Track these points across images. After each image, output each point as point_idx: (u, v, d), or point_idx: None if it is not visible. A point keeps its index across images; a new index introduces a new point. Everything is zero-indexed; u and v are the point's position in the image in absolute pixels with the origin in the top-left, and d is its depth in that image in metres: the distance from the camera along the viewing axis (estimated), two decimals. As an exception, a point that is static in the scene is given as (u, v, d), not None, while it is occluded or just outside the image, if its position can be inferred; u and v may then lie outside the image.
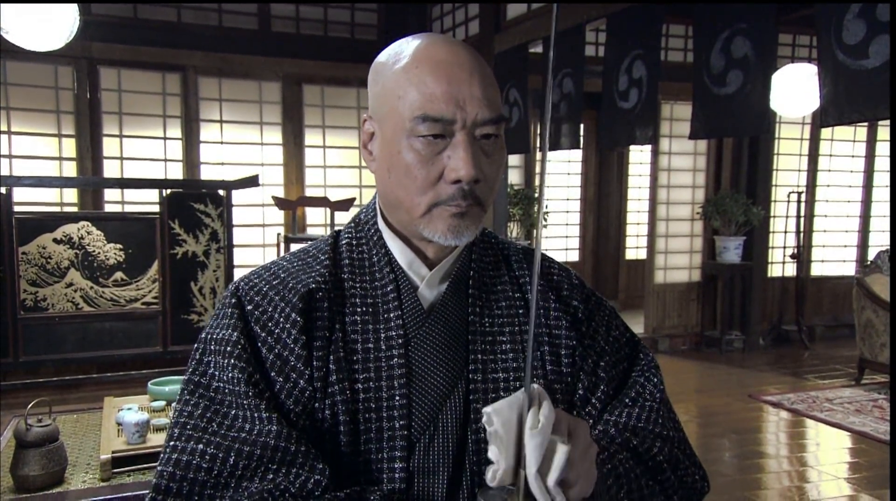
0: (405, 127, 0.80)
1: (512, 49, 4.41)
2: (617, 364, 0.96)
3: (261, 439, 0.76)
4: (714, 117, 2.55)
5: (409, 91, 0.80)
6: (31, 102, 5.01)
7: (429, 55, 0.81)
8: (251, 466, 0.76)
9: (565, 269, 0.99)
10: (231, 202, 4.17)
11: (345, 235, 0.93)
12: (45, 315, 3.89)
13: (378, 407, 0.83)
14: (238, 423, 0.79)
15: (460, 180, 0.80)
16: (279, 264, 0.90)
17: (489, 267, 0.94)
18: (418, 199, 0.82)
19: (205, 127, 5.52)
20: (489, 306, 0.90)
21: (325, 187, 5.88)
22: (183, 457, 0.77)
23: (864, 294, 5.23)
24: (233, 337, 0.82)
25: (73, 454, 2.12)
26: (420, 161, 0.80)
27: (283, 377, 0.81)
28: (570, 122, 3.69)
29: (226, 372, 0.81)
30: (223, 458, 0.76)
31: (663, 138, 6.33)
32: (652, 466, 0.89)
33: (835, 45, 2.11)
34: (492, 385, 0.87)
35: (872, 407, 4.74)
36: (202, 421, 0.80)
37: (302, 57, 5.71)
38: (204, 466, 0.76)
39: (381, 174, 0.86)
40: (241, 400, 0.79)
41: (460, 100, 0.79)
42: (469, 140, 0.80)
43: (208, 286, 4.18)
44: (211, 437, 0.78)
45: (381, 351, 0.85)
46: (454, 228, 0.82)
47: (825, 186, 7.11)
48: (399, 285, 0.88)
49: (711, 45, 2.54)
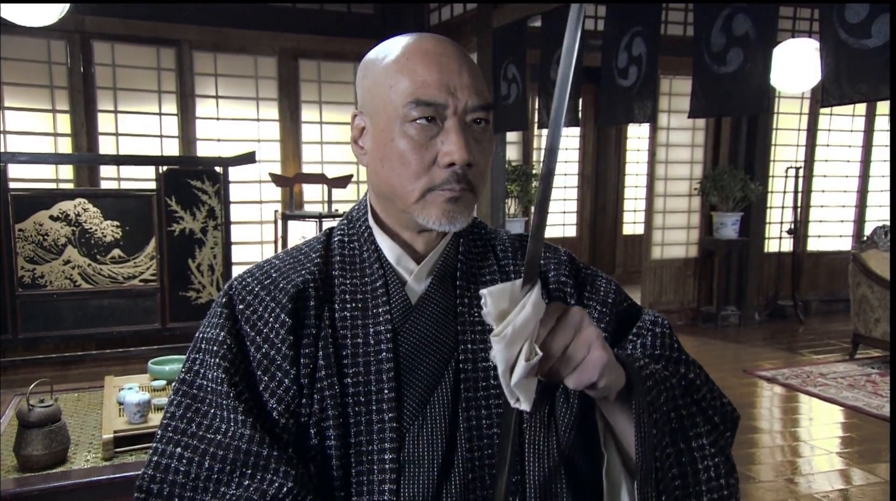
0: (398, 114, 0.82)
1: (510, 24, 4.36)
2: (618, 323, 0.95)
3: (234, 443, 0.80)
4: (714, 96, 2.54)
5: (401, 80, 0.82)
6: (23, 77, 4.95)
7: (418, 47, 0.84)
8: (226, 470, 0.80)
9: (553, 248, 0.99)
10: (228, 179, 4.16)
11: (337, 232, 0.96)
12: (43, 292, 3.90)
13: (367, 400, 0.85)
14: (216, 423, 0.83)
15: (454, 164, 0.81)
16: (272, 262, 0.93)
17: (477, 258, 0.95)
18: (412, 185, 0.83)
19: (200, 103, 5.47)
20: (477, 297, 0.91)
21: (323, 164, 5.85)
22: (163, 460, 0.82)
23: (860, 270, 5.25)
24: (219, 337, 0.86)
25: (76, 433, 2.13)
26: (414, 147, 0.82)
27: (269, 376, 0.84)
28: (570, 99, 3.66)
29: (210, 371, 0.85)
30: (199, 462, 0.81)
31: (662, 114, 6.29)
32: (685, 384, 0.87)
33: (837, 24, 2.09)
34: (482, 374, 0.88)
35: (866, 382, 4.79)
36: (182, 422, 0.84)
37: (298, 31, 5.64)
38: (182, 469, 0.81)
39: (373, 166, 0.88)
40: (220, 400, 0.83)
41: (451, 87, 0.81)
42: (461, 125, 0.82)
43: (206, 263, 4.18)
44: (189, 439, 0.82)
45: (369, 346, 0.87)
46: (448, 212, 0.84)
47: (823, 161, 7.09)
48: (388, 281, 0.90)
49: (712, 23, 2.52)
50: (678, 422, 0.82)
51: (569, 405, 0.88)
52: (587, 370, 0.70)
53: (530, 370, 0.67)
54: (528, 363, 0.67)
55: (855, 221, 7.37)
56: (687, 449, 0.81)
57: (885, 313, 5.04)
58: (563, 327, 0.70)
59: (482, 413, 0.87)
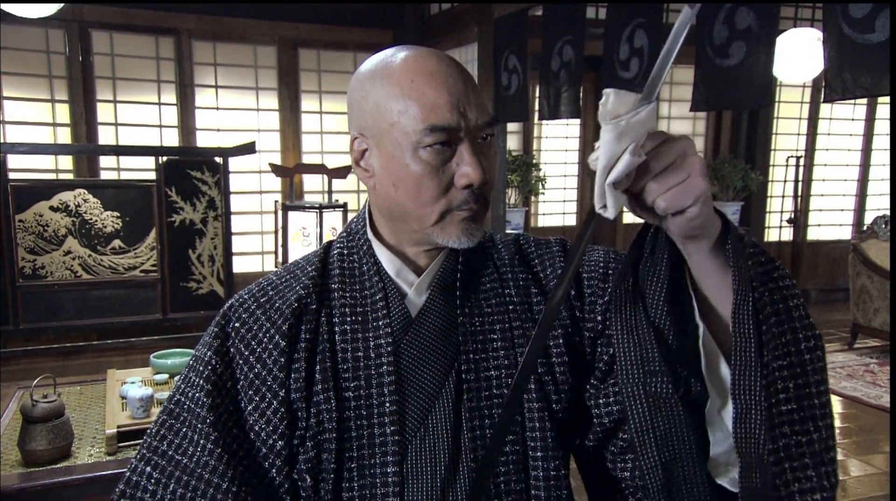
0: (411, 140, 0.81)
1: (511, 14, 4.33)
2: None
3: (197, 470, 0.83)
4: (716, 90, 2.53)
5: (410, 105, 0.81)
6: (22, 67, 4.93)
7: (422, 68, 0.82)
8: (187, 496, 0.83)
9: (544, 242, 0.99)
10: (228, 169, 4.15)
11: (336, 245, 0.96)
12: (44, 283, 3.91)
13: (369, 414, 0.85)
14: (184, 444, 0.85)
15: (472, 185, 0.82)
16: (270, 279, 0.94)
17: (476, 267, 0.95)
18: (430, 208, 0.83)
19: (200, 92, 5.45)
20: (478, 306, 0.92)
21: (323, 154, 5.83)
22: (134, 477, 0.86)
23: (860, 260, 5.26)
24: (206, 355, 0.87)
25: (79, 427, 2.15)
26: (430, 172, 0.82)
27: (260, 396, 0.85)
28: (571, 90, 3.65)
29: (193, 390, 0.87)
30: (165, 483, 0.84)
31: (663, 103, 6.27)
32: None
33: (840, 18, 2.08)
34: (485, 383, 0.88)
35: (864, 372, 4.81)
36: (156, 439, 0.87)
37: (298, 20, 5.60)
38: (150, 489, 0.85)
39: (384, 189, 0.87)
40: (195, 422, 0.85)
41: (461, 108, 0.81)
42: (474, 145, 0.83)
43: (206, 254, 4.18)
44: (160, 459, 0.86)
45: (370, 359, 0.87)
46: (467, 230, 0.85)
47: (824, 150, 7.08)
48: (387, 294, 0.90)
49: (715, 16, 2.51)
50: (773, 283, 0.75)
51: (565, 404, 0.88)
52: (683, 192, 0.67)
53: (632, 165, 0.66)
54: (633, 159, 0.65)
55: (855, 210, 7.36)
56: (776, 288, 0.74)
57: (884, 303, 5.05)
58: (669, 148, 0.68)
59: (486, 423, 0.87)
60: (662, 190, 0.67)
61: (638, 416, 0.78)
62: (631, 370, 0.78)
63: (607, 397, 0.88)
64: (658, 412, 0.77)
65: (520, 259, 0.97)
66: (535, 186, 6.32)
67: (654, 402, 0.77)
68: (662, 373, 0.76)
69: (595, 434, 0.89)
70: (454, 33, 5.16)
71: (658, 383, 0.77)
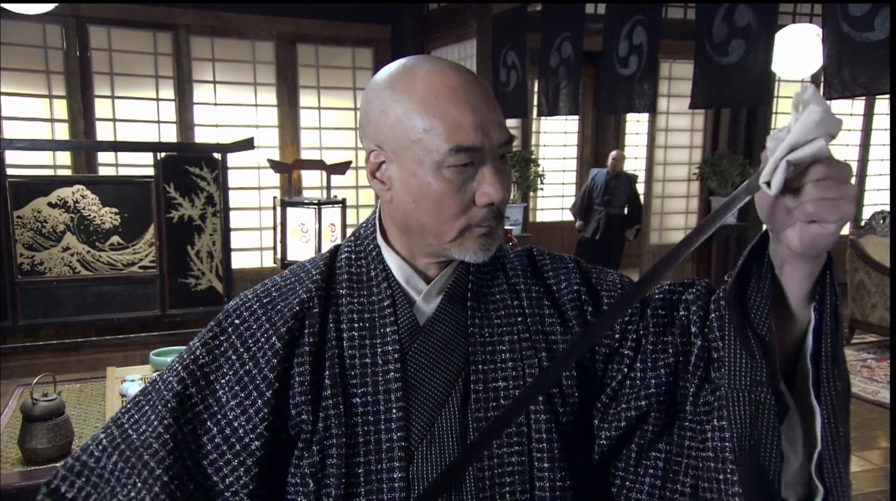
0: (434, 159, 0.81)
1: (510, 10, 4.32)
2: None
3: (140, 449, 0.84)
4: (715, 87, 2.53)
5: (434, 124, 0.81)
6: (19, 62, 4.91)
7: (445, 86, 0.82)
8: (125, 471, 0.84)
9: (558, 258, 0.99)
10: (226, 165, 4.14)
11: (344, 249, 0.95)
12: (42, 279, 3.90)
13: (376, 420, 0.86)
14: (140, 421, 0.86)
15: (493, 203, 0.83)
16: (275, 280, 0.94)
17: (487, 276, 0.95)
18: (450, 225, 0.84)
19: (198, 88, 5.44)
20: (488, 316, 0.92)
21: (321, 150, 5.83)
22: (90, 443, 0.88)
23: (858, 256, 5.27)
24: (193, 346, 0.89)
25: (79, 425, 2.15)
26: (452, 190, 0.82)
27: (246, 394, 0.85)
28: (569, 87, 3.64)
29: (169, 374, 0.88)
30: (109, 453, 0.85)
31: (661, 98, 6.27)
32: None
33: (840, 16, 2.08)
34: (493, 394, 0.89)
35: (861, 367, 4.82)
36: (121, 413, 0.89)
37: (296, 15, 5.58)
38: (95, 455, 0.86)
39: (402, 203, 0.86)
40: (157, 404, 0.86)
41: (484, 127, 0.81)
42: (495, 164, 0.84)
43: (205, 250, 4.18)
44: (115, 430, 0.87)
45: (377, 366, 0.87)
46: (484, 246, 0.86)
47: (823, 146, 7.07)
48: (395, 301, 0.90)
49: (714, 14, 2.51)
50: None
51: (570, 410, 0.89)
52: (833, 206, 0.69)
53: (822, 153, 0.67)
54: (825, 147, 0.67)
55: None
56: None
57: (882, 298, 5.07)
58: (836, 165, 0.69)
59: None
60: (818, 196, 0.69)
61: (739, 420, 0.80)
62: (741, 377, 0.81)
63: (618, 417, 0.89)
64: (758, 420, 0.79)
65: (532, 271, 0.97)
66: (534, 181, 6.31)
67: (755, 410, 0.79)
68: (767, 384, 0.79)
69: (599, 451, 0.90)
70: (453, 29, 5.16)
71: (763, 393, 0.79)
